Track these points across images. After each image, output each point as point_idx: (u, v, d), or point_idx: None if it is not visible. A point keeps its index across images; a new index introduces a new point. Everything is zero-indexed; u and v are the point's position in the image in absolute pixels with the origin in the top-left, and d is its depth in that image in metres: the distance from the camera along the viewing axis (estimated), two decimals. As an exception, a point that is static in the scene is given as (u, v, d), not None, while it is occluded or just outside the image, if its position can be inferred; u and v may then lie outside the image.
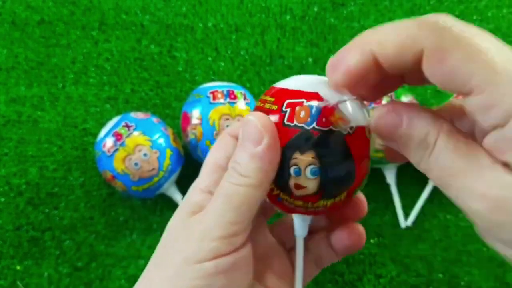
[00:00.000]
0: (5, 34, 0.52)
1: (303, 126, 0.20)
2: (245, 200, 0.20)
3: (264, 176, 0.20)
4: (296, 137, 0.20)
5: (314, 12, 0.53)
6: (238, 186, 0.20)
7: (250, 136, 0.20)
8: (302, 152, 0.20)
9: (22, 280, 0.43)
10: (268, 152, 0.20)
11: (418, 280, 0.43)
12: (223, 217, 0.20)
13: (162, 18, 0.53)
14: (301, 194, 0.21)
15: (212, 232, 0.20)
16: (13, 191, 0.46)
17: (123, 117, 0.42)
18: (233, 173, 0.21)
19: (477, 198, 0.16)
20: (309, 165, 0.20)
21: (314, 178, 0.20)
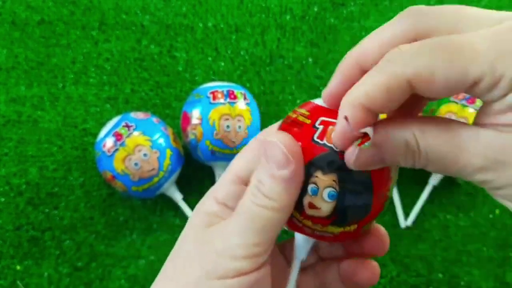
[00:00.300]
0: (5, 34, 0.52)
1: (332, 147, 0.19)
2: (269, 223, 0.20)
3: (289, 200, 0.20)
4: (322, 156, 0.20)
5: (314, 12, 0.53)
6: (261, 208, 0.20)
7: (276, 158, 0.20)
8: (325, 172, 0.20)
9: (22, 280, 0.43)
10: (294, 177, 0.20)
11: (418, 280, 0.43)
12: (247, 238, 0.20)
13: (162, 18, 0.53)
14: (312, 214, 0.21)
15: (235, 251, 0.20)
16: (13, 191, 0.46)
17: (123, 117, 0.42)
18: (257, 193, 0.20)
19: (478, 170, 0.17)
20: (328, 187, 0.20)
21: (330, 202, 0.20)
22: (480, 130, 0.17)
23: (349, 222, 0.21)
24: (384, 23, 0.20)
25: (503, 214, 0.45)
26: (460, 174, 0.18)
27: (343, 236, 0.21)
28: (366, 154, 0.18)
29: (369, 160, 0.18)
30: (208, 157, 0.43)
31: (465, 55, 0.15)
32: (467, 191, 0.46)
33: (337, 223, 0.21)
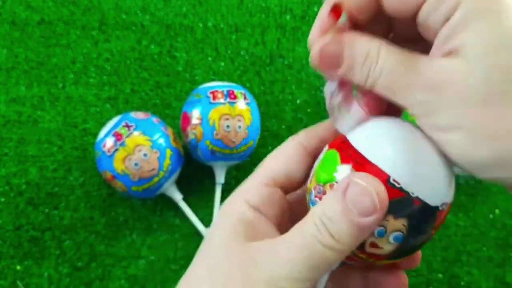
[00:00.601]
0: (5, 34, 0.52)
1: (408, 192, 0.18)
2: (327, 263, 0.18)
3: (355, 245, 0.18)
4: (397, 201, 0.18)
5: (314, 12, 0.53)
6: (325, 248, 0.18)
7: (361, 205, 0.18)
8: (396, 217, 0.18)
9: (22, 280, 0.43)
10: (372, 226, 0.18)
11: (418, 280, 0.43)
12: (300, 273, 0.18)
13: (162, 18, 0.53)
14: (372, 252, 0.20)
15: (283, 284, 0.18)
16: (13, 191, 0.46)
17: (123, 117, 0.42)
18: (324, 231, 0.18)
19: (421, 89, 0.17)
20: (397, 231, 0.19)
21: (395, 243, 0.19)
22: (434, 58, 0.18)
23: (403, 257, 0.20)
24: None
25: (503, 214, 0.45)
26: (404, 96, 0.18)
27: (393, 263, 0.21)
28: (329, 48, 0.19)
29: (329, 54, 0.19)
30: (208, 157, 0.43)
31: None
32: (467, 191, 0.46)
33: (392, 258, 0.20)
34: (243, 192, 0.21)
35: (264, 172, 0.21)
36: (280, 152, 0.22)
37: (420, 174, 0.18)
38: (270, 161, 0.22)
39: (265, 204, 0.21)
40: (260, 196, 0.21)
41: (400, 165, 0.18)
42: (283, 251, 0.19)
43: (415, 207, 0.18)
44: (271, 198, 0.21)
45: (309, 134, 0.23)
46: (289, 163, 0.21)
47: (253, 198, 0.21)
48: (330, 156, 0.20)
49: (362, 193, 0.18)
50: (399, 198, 0.18)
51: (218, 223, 0.21)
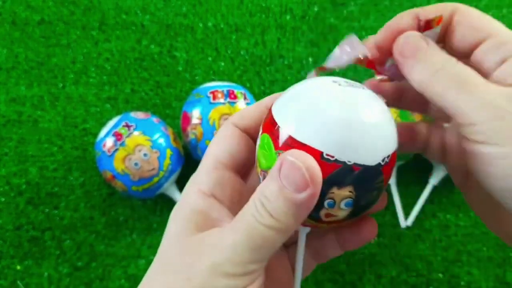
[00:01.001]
0: (5, 34, 0.52)
1: (345, 162, 0.19)
2: (269, 243, 0.19)
3: (295, 222, 0.19)
4: (337, 173, 0.19)
5: (314, 12, 0.53)
6: (264, 227, 0.18)
7: (293, 180, 0.18)
8: (340, 187, 0.19)
9: (22, 280, 0.43)
10: (308, 202, 0.18)
11: (418, 280, 0.43)
12: (242, 256, 0.18)
13: (162, 18, 0.53)
14: (329, 220, 0.20)
15: (227, 268, 0.18)
16: (13, 191, 0.46)
17: (123, 117, 0.42)
18: (262, 211, 0.18)
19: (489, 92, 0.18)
20: (345, 198, 0.19)
21: (348, 208, 0.20)
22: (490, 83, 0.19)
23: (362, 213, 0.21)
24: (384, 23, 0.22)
25: (503, 214, 0.45)
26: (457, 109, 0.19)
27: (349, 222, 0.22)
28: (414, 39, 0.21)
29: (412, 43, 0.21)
30: (208, 157, 0.43)
31: None
32: (467, 191, 0.46)
33: (353, 217, 0.21)
34: (195, 181, 0.21)
35: (211, 157, 0.22)
36: (219, 136, 0.22)
37: (351, 142, 0.19)
38: (213, 147, 0.22)
39: (217, 188, 0.21)
40: (211, 180, 0.21)
41: (329, 140, 0.18)
42: (226, 236, 0.19)
43: (355, 173, 0.19)
44: (222, 181, 0.21)
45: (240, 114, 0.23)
46: (230, 144, 0.21)
47: (205, 184, 0.21)
48: (265, 140, 0.20)
49: (292, 169, 0.18)
50: (338, 170, 0.19)
51: (172, 217, 0.21)
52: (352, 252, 0.44)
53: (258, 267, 0.19)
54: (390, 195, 0.45)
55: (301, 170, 0.18)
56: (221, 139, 0.22)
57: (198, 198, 0.21)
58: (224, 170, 0.21)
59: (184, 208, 0.21)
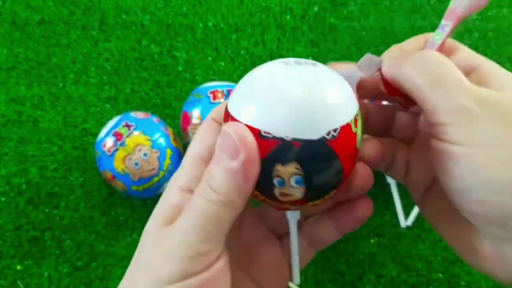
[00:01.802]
0: (5, 34, 0.52)
1: (283, 138, 0.18)
2: (215, 218, 0.18)
3: (238, 194, 0.19)
4: (277, 150, 0.19)
5: (314, 12, 0.53)
6: (208, 202, 0.18)
7: (227, 149, 0.18)
8: (284, 164, 0.19)
9: (22, 280, 0.43)
10: (243, 169, 0.18)
11: (418, 280, 0.43)
12: (192, 236, 0.18)
13: (162, 18, 0.53)
14: (288, 200, 0.20)
15: (179, 252, 0.18)
16: (13, 190, 0.46)
17: (123, 117, 0.42)
18: (206, 187, 0.19)
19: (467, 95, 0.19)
20: (293, 175, 0.19)
21: (299, 187, 0.19)
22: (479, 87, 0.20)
23: (324, 194, 0.20)
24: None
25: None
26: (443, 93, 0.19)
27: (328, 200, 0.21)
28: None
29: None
30: (208, 157, 0.43)
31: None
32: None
33: (314, 198, 0.20)
34: (175, 179, 0.22)
35: (190, 154, 0.22)
36: (199, 133, 0.22)
37: (288, 117, 0.18)
38: (193, 143, 0.22)
39: (194, 182, 0.21)
40: (189, 176, 0.21)
41: (266, 117, 0.19)
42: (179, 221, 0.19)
43: (296, 149, 0.18)
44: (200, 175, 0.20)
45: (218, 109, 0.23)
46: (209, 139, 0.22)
47: (182, 180, 0.21)
48: None
49: (225, 138, 0.18)
50: (277, 146, 0.18)
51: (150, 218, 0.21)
52: (352, 252, 0.44)
53: (211, 247, 0.19)
54: (390, 195, 0.45)
55: (231, 137, 0.18)
56: (201, 135, 0.22)
57: (174, 193, 0.21)
58: (203, 165, 0.21)
59: (161, 206, 0.21)
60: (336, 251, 0.44)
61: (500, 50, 0.51)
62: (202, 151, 0.21)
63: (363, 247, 0.44)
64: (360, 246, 0.44)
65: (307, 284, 0.43)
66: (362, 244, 0.44)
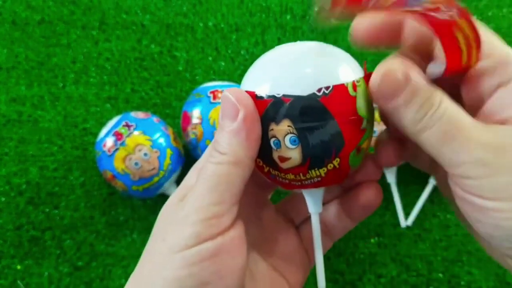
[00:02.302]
0: (5, 34, 0.52)
1: (274, 95, 0.19)
2: (225, 178, 0.19)
3: (242, 152, 0.19)
4: (268, 108, 0.19)
5: (315, 12, 0.53)
6: (216, 164, 0.19)
7: (227, 112, 0.19)
8: (277, 122, 0.19)
9: (22, 279, 0.43)
10: (244, 126, 0.19)
11: (419, 279, 0.43)
12: (203, 199, 0.19)
13: (163, 18, 0.53)
14: (288, 167, 0.20)
15: (192, 216, 0.18)
16: (13, 190, 0.46)
17: (124, 117, 0.42)
18: (212, 152, 0.20)
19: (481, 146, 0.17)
20: (287, 134, 0.19)
21: (295, 148, 0.19)
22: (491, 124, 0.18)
23: (326, 159, 0.20)
24: None
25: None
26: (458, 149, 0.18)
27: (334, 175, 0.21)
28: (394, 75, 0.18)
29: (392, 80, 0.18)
30: (209, 156, 0.43)
31: None
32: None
33: (314, 165, 0.20)
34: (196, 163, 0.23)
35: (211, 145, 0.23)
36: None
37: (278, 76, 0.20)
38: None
39: None
40: None
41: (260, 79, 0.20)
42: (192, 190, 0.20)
43: (286, 104, 0.19)
44: None
45: None
46: None
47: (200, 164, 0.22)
48: None
49: (225, 101, 0.20)
50: (269, 105, 0.19)
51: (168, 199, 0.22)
52: (352, 252, 0.44)
53: (223, 210, 0.19)
54: (390, 194, 0.45)
55: (230, 99, 0.19)
56: None
57: (191, 175, 0.22)
58: None
59: (179, 187, 0.22)
60: (336, 251, 0.44)
61: (500, 50, 0.51)
62: None
63: (363, 247, 0.44)
64: (360, 246, 0.44)
65: (307, 284, 0.43)
66: (362, 244, 0.44)
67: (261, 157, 0.21)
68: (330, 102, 0.19)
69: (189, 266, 0.18)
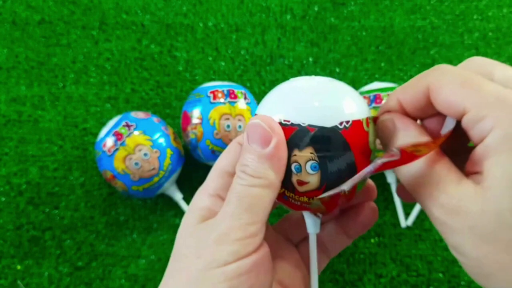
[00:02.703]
0: (5, 33, 0.52)
1: (299, 124, 0.21)
2: (258, 200, 0.20)
3: (274, 175, 0.21)
4: (294, 135, 0.21)
5: (315, 12, 0.53)
6: (249, 187, 0.21)
7: (257, 138, 0.21)
8: (300, 148, 0.21)
9: (22, 279, 0.43)
10: (276, 152, 0.21)
11: (419, 279, 0.43)
12: (239, 219, 0.20)
13: (163, 18, 0.53)
14: (304, 190, 0.21)
15: (230, 235, 0.20)
16: (13, 190, 0.46)
17: (124, 117, 0.42)
18: (243, 176, 0.21)
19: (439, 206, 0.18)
20: (309, 160, 0.21)
21: (315, 173, 0.21)
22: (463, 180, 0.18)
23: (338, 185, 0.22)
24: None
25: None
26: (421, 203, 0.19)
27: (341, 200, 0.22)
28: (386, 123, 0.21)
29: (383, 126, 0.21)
30: (209, 156, 0.43)
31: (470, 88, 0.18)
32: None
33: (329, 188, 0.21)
34: (203, 188, 0.24)
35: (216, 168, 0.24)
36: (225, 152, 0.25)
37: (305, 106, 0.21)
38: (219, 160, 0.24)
39: (221, 190, 0.23)
40: (216, 184, 0.23)
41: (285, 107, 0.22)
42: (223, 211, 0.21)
43: (311, 133, 0.21)
44: (226, 185, 0.23)
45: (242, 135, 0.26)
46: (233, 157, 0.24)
47: (210, 188, 0.23)
48: None
49: (255, 128, 0.21)
50: (295, 132, 0.21)
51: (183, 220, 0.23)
52: (352, 252, 0.44)
53: (257, 229, 0.21)
54: (390, 194, 0.45)
55: (261, 126, 0.21)
56: (227, 153, 0.24)
57: (204, 198, 0.23)
58: (229, 177, 0.23)
59: (193, 209, 0.23)
60: (336, 251, 0.44)
61: (500, 50, 0.51)
62: (227, 167, 0.24)
63: (363, 247, 0.44)
64: (360, 246, 0.44)
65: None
66: (362, 244, 0.44)
67: None
68: (349, 135, 0.21)
69: (229, 280, 0.19)
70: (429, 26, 0.52)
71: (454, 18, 0.53)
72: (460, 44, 0.52)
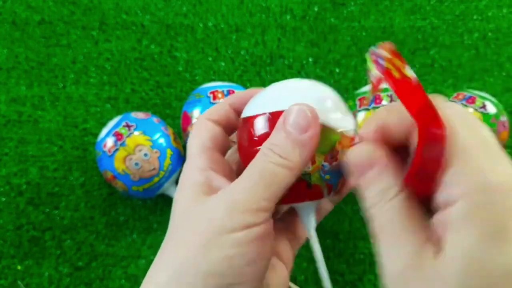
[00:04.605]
0: (5, 34, 0.52)
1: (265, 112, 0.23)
2: (280, 180, 0.21)
3: (302, 161, 0.21)
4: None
5: (315, 12, 0.53)
6: (276, 165, 0.21)
7: (298, 123, 0.21)
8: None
9: (22, 279, 0.43)
10: (311, 142, 0.21)
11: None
12: (257, 192, 0.21)
13: (163, 18, 0.53)
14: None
15: (244, 204, 0.20)
16: (13, 191, 0.46)
17: (124, 117, 0.42)
18: (270, 153, 0.21)
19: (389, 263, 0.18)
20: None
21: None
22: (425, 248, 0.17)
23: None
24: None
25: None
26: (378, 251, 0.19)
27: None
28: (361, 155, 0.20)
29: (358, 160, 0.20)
30: (209, 157, 0.43)
31: None
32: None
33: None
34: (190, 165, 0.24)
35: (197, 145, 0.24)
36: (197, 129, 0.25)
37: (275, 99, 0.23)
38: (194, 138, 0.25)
39: (212, 163, 0.23)
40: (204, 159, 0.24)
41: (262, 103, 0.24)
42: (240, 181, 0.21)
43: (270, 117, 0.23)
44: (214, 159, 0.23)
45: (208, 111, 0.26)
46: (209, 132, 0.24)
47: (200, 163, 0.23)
48: None
49: (297, 113, 0.21)
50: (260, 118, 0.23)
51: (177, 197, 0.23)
52: (352, 252, 0.44)
53: (269, 205, 0.21)
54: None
55: (305, 113, 0.21)
56: (200, 130, 0.25)
57: (197, 173, 0.23)
58: (213, 152, 0.24)
59: (188, 184, 0.23)
60: (336, 251, 0.44)
61: (500, 50, 0.51)
62: (206, 142, 0.24)
63: (363, 247, 0.44)
64: (360, 246, 0.44)
65: (307, 284, 0.43)
66: (362, 244, 0.44)
67: None
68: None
69: (238, 246, 0.20)
70: (429, 27, 0.52)
71: (454, 18, 0.53)
72: (460, 44, 0.52)
